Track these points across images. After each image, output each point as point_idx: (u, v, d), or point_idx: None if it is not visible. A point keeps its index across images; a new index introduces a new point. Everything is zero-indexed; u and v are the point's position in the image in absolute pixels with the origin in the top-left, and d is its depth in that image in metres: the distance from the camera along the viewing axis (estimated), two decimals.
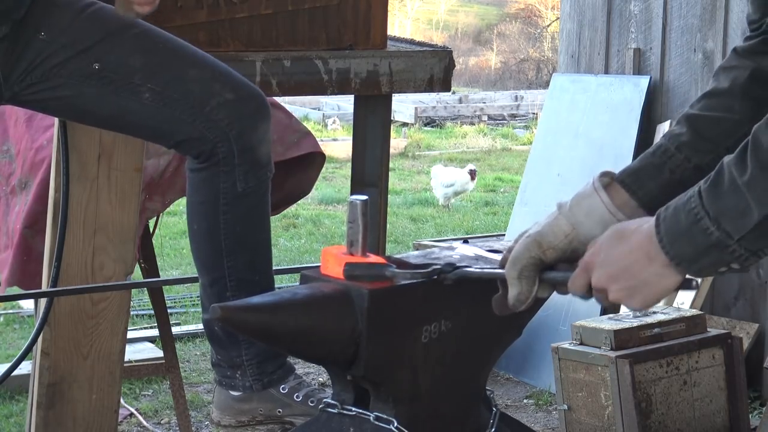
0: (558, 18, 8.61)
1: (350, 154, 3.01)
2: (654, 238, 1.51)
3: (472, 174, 9.97)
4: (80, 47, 2.24)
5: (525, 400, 4.79)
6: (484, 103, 16.48)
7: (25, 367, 4.10)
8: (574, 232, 1.66)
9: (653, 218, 1.53)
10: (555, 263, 1.67)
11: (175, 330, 4.98)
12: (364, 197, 1.74)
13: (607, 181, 1.70)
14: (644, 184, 1.70)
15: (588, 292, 1.60)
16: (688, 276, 1.53)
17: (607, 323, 4.06)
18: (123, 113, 2.28)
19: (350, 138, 3.07)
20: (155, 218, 3.73)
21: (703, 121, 1.76)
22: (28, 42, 2.22)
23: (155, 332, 4.72)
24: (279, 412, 2.40)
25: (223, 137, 2.26)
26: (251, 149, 2.29)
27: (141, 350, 5.07)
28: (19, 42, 2.22)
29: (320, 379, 4.91)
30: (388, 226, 3.05)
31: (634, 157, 4.86)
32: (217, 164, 2.28)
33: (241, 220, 2.32)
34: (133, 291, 3.77)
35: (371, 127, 2.92)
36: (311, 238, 8.36)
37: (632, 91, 4.98)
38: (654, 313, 4.17)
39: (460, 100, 16.39)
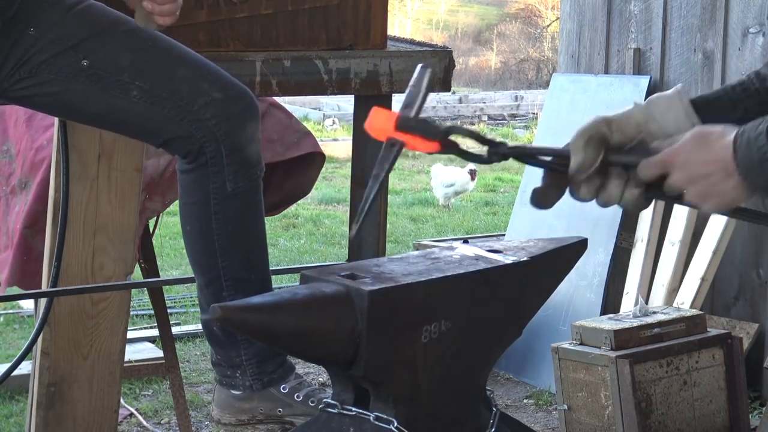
0: (558, 18, 8.61)
1: (350, 154, 3.01)
2: (732, 160, 1.57)
3: (472, 174, 9.97)
4: (68, 43, 2.23)
5: (525, 400, 4.79)
6: (484, 103, 16.48)
7: (25, 367, 4.10)
8: (645, 125, 1.70)
9: (732, 134, 1.58)
10: (617, 148, 1.68)
11: (175, 330, 4.98)
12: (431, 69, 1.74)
13: (686, 97, 1.74)
14: (715, 114, 1.73)
15: (655, 179, 1.64)
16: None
17: (607, 323, 4.06)
18: (111, 111, 2.28)
19: (350, 138, 3.06)
20: (155, 218, 3.73)
21: None
22: (17, 38, 2.22)
23: (155, 332, 4.72)
24: (279, 411, 2.40)
25: (210, 136, 2.26)
26: (240, 149, 2.28)
27: (141, 350, 5.07)
28: (10, 38, 2.22)
29: (320, 379, 4.91)
30: (388, 226, 3.05)
31: None
32: (206, 164, 2.28)
33: (233, 220, 2.32)
34: (133, 291, 3.77)
35: None
36: (311, 238, 8.36)
37: (632, 91, 4.98)
38: (654, 313, 4.17)
39: (460, 100, 16.38)
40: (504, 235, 5.66)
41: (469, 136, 1.66)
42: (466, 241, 1.99)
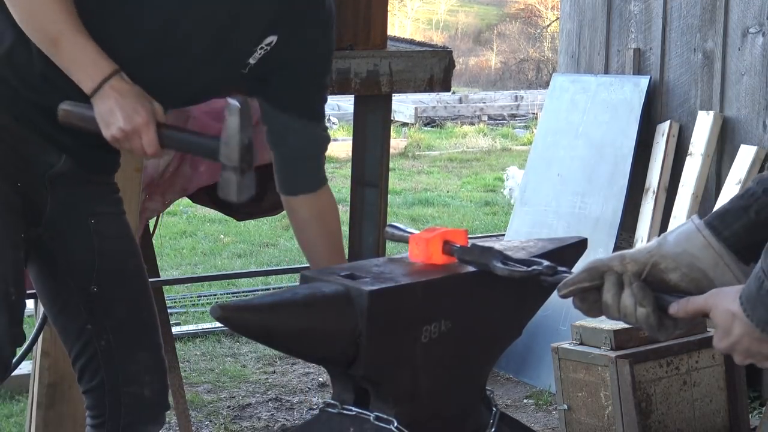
0: (558, 18, 8.61)
1: (350, 154, 3.01)
2: (738, 307, 1.62)
3: None
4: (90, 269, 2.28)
5: (525, 400, 4.79)
6: (484, 103, 16.47)
7: (25, 367, 4.10)
8: (657, 250, 1.76)
9: (737, 305, 1.64)
10: (636, 275, 1.74)
11: (175, 330, 4.97)
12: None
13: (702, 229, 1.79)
14: (730, 225, 1.77)
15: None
16: None
17: (607, 323, 4.05)
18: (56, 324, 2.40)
19: (350, 138, 3.07)
20: (155, 218, 3.73)
21: None
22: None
23: None
24: None
25: (115, 415, 2.34)
26: None
27: None
28: None
29: (320, 379, 4.91)
30: None
31: (634, 156, 4.88)
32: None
33: None
34: None
35: (371, 127, 2.92)
36: None
37: (632, 91, 4.98)
38: None
39: (460, 100, 16.38)
40: (504, 235, 5.66)
41: (510, 274, 1.76)
42: None
